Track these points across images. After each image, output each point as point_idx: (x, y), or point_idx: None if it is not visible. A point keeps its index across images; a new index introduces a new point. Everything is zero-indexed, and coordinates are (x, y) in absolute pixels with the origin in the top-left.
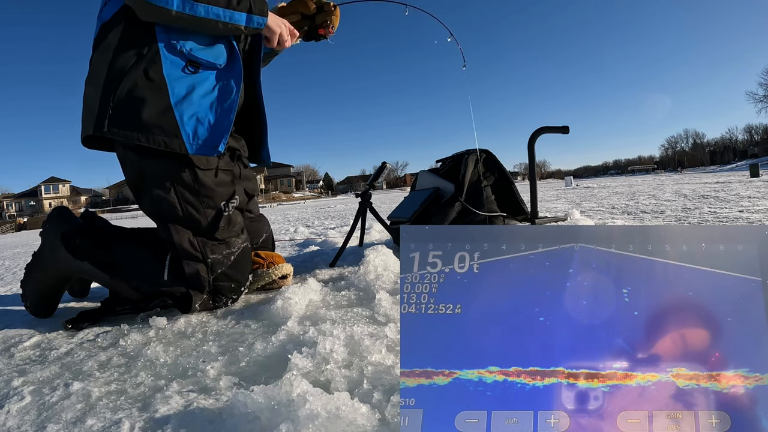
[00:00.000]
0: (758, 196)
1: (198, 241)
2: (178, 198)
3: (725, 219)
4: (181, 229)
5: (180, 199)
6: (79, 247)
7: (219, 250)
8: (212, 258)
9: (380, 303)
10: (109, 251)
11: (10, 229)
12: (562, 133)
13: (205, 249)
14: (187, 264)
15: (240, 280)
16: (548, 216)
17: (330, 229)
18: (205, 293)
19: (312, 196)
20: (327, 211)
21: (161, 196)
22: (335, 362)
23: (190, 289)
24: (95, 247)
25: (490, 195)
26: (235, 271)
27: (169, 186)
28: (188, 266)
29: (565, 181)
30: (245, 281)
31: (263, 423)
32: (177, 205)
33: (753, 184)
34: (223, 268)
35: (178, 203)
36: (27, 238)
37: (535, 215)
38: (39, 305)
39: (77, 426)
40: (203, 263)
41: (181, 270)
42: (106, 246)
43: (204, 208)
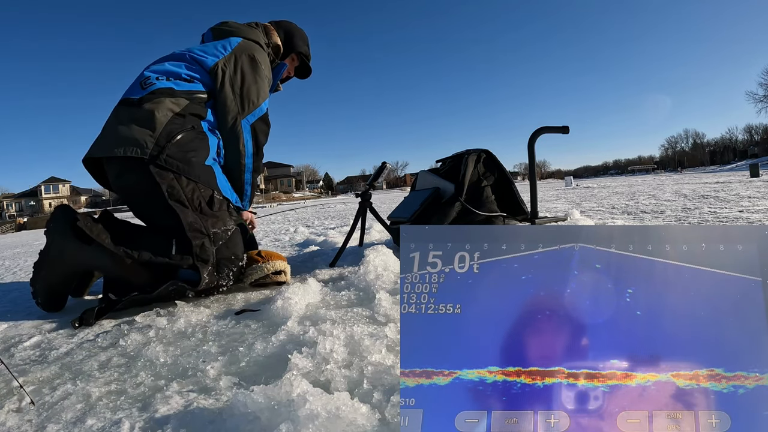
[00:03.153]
0: (758, 196)
1: (200, 218)
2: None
3: (725, 219)
4: (185, 209)
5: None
6: (86, 229)
7: (217, 225)
8: (213, 232)
9: (380, 303)
10: (119, 233)
11: (10, 229)
12: (562, 133)
13: (207, 224)
14: (194, 236)
15: (237, 253)
16: (548, 216)
17: (330, 229)
18: (210, 264)
19: (312, 196)
20: (327, 211)
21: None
22: (335, 362)
23: (196, 261)
24: (103, 229)
25: (490, 195)
26: (232, 244)
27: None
28: (195, 239)
29: (565, 181)
30: (241, 255)
31: (263, 423)
32: (182, 192)
33: (753, 184)
34: (222, 241)
35: (183, 191)
36: (27, 238)
37: (535, 215)
38: (49, 300)
39: (77, 426)
40: (207, 236)
41: (186, 247)
42: (114, 229)
43: (201, 191)
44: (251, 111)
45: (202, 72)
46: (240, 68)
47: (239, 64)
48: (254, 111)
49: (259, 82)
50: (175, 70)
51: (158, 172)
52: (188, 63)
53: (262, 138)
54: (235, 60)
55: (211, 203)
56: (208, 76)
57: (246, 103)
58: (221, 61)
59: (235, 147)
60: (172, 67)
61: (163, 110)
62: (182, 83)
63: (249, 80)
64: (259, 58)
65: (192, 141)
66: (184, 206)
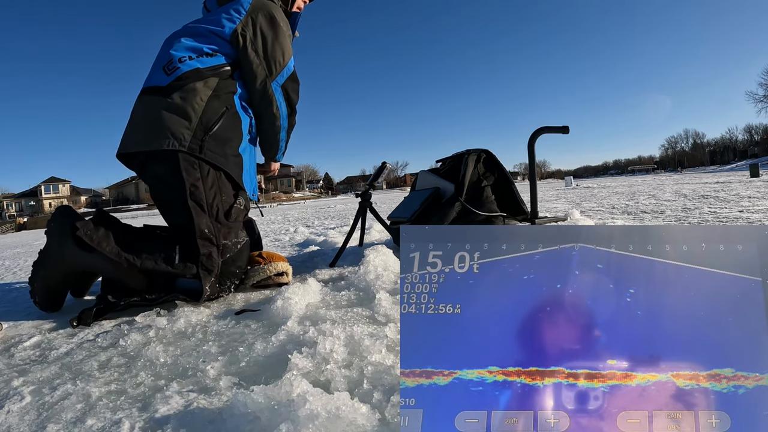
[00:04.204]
0: (758, 196)
1: (214, 226)
2: (205, 191)
3: (725, 219)
4: (201, 213)
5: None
6: (86, 238)
7: (229, 237)
8: (223, 243)
9: (380, 303)
10: (120, 239)
11: (10, 229)
12: (562, 133)
13: (219, 234)
14: (203, 245)
15: (241, 267)
16: (548, 216)
17: (330, 229)
18: (213, 276)
19: (312, 196)
20: (327, 211)
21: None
22: (335, 362)
23: (200, 270)
24: (104, 236)
25: (490, 195)
26: (239, 258)
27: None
28: (204, 247)
29: (565, 181)
30: (245, 267)
31: (263, 423)
32: (204, 195)
33: (753, 184)
34: (230, 254)
35: (204, 194)
36: (27, 238)
37: (535, 215)
38: (47, 301)
39: (77, 426)
40: (216, 247)
41: (190, 255)
42: (115, 235)
43: (222, 198)
44: (279, 72)
45: (222, 42)
46: (260, 30)
47: (258, 26)
48: (282, 71)
49: (282, 40)
50: (195, 45)
51: (186, 168)
52: (205, 36)
53: (294, 96)
54: (253, 22)
55: (229, 213)
56: (229, 45)
57: (273, 65)
58: (239, 27)
59: (269, 112)
60: (192, 42)
61: (196, 98)
62: (206, 59)
63: (271, 41)
64: (276, 14)
65: (227, 130)
66: (201, 210)
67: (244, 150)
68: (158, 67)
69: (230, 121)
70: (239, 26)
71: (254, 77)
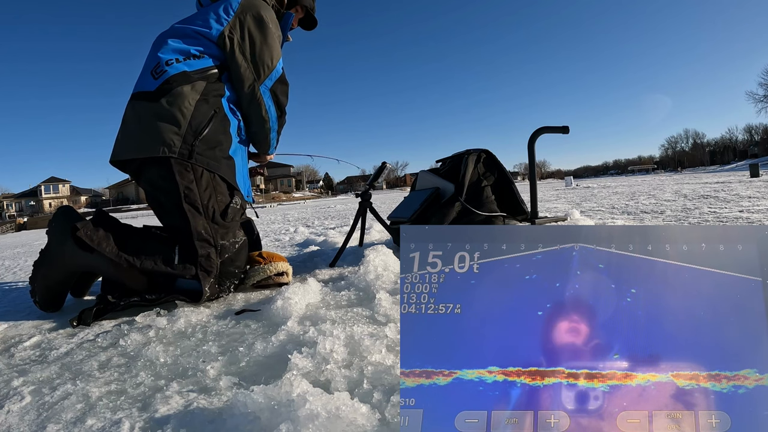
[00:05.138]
0: (758, 196)
1: (210, 227)
2: (200, 192)
3: (725, 219)
4: (197, 215)
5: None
6: (86, 238)
7: (226, 237)
8: (221, 244)
9: (380, 303)
10: (120, 240)
11: (10, 229)
12: (562, 133)
13: (216, 235)
14: (201, 246)
15: (240, 267)
16: (548, 216)
17: (330, 229)
18: (212, 276)
19: (312, 196)
20: (327, 211)
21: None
22: (335, 362)
23: (199, 271)
24: (104, 237)
25: (490, 195)
26: (238, 258)
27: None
28: (202, 248)
29: (565, 181)
30: (244, 267)
31: (263, 423)
32: (198, 197)
33: (753, 184)
34: (228, 254)
35: (199, 196)
36: (27, 238)
37: (535, 215)
38: (47, 300)
39: (77, 426)
40: (214, 248)
41: (189, 256)
42: (115, 235)
43: (217, 198)
44: (267, 75)
45: (209, 44)
46: (247, 32)
47: (245, 28)
48: (270, 74)
49: (271, 43)
50: (182, 47)
51: (180, 171)
52: (192, 38)
53: (283, 99)
54: (241, 24)
55: (225, 213)
56: (216, 47)
57: (261, 68)
58: (226, 29)
59: (258, 115)
60: (179, 44)
61: (185, 102)
62: (193, 61)
63: (259, 43)
64: (265, 15)
65: (217, 133)
66: (197, 212)
67: (235, 152)
68: (147, 71)
69: (219, 125)
70: (227, 28)
71: (242, 81)
